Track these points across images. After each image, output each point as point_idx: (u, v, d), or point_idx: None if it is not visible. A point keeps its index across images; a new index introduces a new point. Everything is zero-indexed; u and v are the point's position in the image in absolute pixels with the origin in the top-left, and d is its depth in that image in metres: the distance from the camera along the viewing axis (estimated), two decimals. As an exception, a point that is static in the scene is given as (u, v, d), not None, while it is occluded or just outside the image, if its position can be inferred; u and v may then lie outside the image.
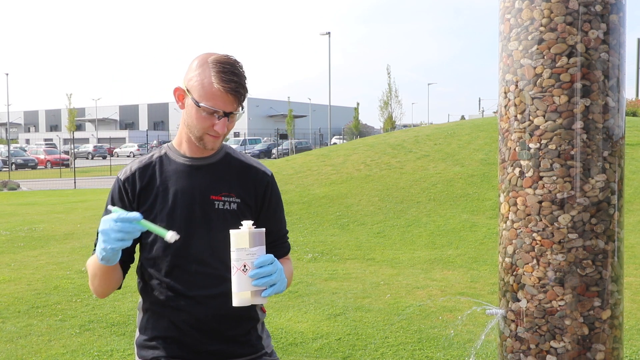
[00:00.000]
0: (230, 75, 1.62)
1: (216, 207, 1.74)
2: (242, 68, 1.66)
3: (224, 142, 1.86)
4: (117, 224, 1.50)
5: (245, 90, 1.67)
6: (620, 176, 1.65)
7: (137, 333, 1.86)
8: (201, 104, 1.63)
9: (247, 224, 1.49)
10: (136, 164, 1.79)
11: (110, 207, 1.59)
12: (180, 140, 1.80)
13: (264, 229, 1.52)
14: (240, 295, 1.48)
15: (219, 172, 1.78)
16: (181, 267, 1.74)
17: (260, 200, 1.81)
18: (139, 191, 1.75)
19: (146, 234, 1.71)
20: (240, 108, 1.68)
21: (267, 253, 1.53)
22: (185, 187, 1.74)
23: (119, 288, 1.84)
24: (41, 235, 9.58)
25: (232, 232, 1.49)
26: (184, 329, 1.75)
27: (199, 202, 1.73)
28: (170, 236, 1.50)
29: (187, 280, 1.74)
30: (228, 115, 1.65)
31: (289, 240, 1.92)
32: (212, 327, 1.76)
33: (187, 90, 1.67)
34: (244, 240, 1.47)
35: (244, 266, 1.46)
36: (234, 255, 1.48)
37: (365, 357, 4.27)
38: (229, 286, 1.67)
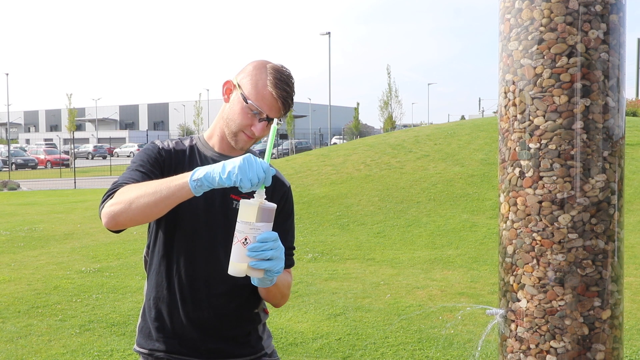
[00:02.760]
0: (284, 85, 1.69)
1: (234, 206, 1.75)
2: (294, 82, 1.73)
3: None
4: (263, 166, 1.43)
5: (292, 103, 1.72)
6: (620, 176, 1.65)
7: (140, 318, 1.86)
8: (249, 101, 1.67)
9: (259, 197, 1.45)
10: (173, 144, 1.79)
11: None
12: (212, 133, 1.82)
13: (274, 205, 1.48)
14: (237, 265, 1.46)
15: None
16: (192, 259, 1.75)
17: None
18: (170, 166, 1.74)
19: (166, 220, 1.71)
20: (280, 119, 1.72)
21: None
22: None
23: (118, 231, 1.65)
24: (41, 235, 9.59)
25: (242, 202, 1.45)
26: (185, 323, 1.76)
27: (219, 198, 1.74)
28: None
29: (195, 274, 1.75)
30: (269, 120, 1.69)
31: (294, 256, 1.90)
32: (213, 325, 1.76)
33: (238, 85, 1.71)
34: (251, 214, 1.43)
35: (245, 239, 1.43)
36: (238, 226, 1.45)
37: (365, 357, 4.27)
38: (234, 286, 1.67)
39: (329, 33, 39.53)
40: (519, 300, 1.65)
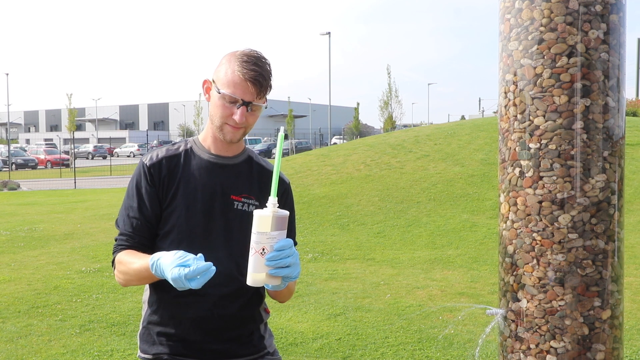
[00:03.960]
0: (252, 65, 1.67)
1: (235, 207, 1.76)
2: (267, 63, 1.71)
3: (247, 146, 1.89)
4: (191, 281, 1.50)
5: (267, 82, 1.70)
6: (620, 176, 1.65)
7: (141, 326, 1.86)
8: (222, 91, 1.68)
9: (271, 205, 1.47)
10: (163, 153, 1.80)
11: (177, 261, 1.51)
12: (206, 135, 1.83)
13: (287, 212, 1.51)
14: (255, 276, 1.48)
15: (241, 173, 1.81)
16: None
17: None
18: (162, 179, 1.76)
19: (162, 224, 1.75)
20: (263, 101, 1.71)
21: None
22: (207, 183, 1.76)
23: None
24: (41, 235, 9.58)
25: (256, 213, 1.48)
26: (188, 326, 1.76)
27: (219, 200, 1.75)
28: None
29: None
30: (248, 105, 1.68)
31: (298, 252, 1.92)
32: (216, 326, 1.76)
33: (213, 81, 1.73)
34: (265, 224, 1.46)
35: (263, 249, 1.46)
36: (254, 238, 1.47)
37: (365, 357, 4.27)
38: (237, 287, 1.67)
39: (329, 33, 39.53)
40: (519, 300, 1.65)
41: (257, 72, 1.67)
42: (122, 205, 1.79)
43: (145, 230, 1.75)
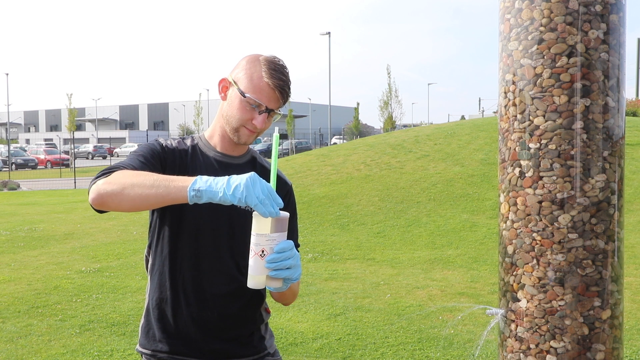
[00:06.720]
0: (279, 74, 1.68)
1: (238, 206, 1.75)
2: (288, 72, 1.73)
3: (250, 147, 1.88)
4: (267, 193, 1.41)
5: (289, 92, 1.72)
6: (620, 176, 1.65)
7: (143, 319, 1.85)
8: (247, 95, 1.67)
9: None
10: (175, 143, 1.78)
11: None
12: (212, 133, 1.81)
13: (287, 214, 1.49)
14: (256, 278, 1.46)
15: (245, 173, 1.80)
16: (196, 259, 1.74)
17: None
18: (171, 164, 1.73)
19: (168, 218, 1.71)
20: (280, 110, 1.72)
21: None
22: None
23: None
24: (41, 235, 9.58)
25: (255, 214, 1.46)
26: (188, 324, 1.75)
27: None
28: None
29: (199, 274, 1.74)
30: (269, 112, 1.69)
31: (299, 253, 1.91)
32: (217, 325, 1.76)
33: (234, 81, 1.71)
34: (265, 226, 1.44)
35: (262, 251, 1.44)
36: (253, 239, 1.45)
37: (365, 357, 4.27)
38: (238, 287, 1.66)
39: (329, 33, 39.56)
40: (519, 300, 1.65)
41: (284, 81, 1.69)
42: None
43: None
